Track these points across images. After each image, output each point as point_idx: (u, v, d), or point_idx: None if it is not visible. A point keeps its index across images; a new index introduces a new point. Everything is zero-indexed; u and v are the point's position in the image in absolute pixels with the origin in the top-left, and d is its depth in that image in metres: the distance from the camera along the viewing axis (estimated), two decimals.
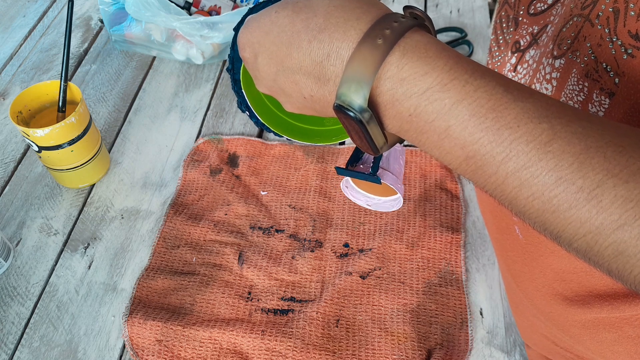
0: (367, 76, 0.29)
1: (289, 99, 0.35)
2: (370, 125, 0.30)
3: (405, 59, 0.29)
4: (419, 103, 0.29)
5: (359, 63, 0.29)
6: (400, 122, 0.30)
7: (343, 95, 0.30)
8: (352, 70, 0.29)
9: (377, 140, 0.32)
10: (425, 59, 0.29)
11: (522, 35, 0.48)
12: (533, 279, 0.50)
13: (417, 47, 0.29)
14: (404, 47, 0.29)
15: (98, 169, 0.77)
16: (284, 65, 0.33)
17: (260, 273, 0.67)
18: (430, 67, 0.28)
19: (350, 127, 0.32)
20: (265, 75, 0.35)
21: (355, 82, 0.29)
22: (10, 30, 1.02)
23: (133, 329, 0.62)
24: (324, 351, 0.60)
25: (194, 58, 0.92)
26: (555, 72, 0.42)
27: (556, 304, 0.48)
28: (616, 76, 0.36)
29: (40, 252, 0.70)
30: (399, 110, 0.30)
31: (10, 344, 0.62)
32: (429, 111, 0.29)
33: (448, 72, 0.28)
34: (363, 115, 0.30)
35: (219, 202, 0.74)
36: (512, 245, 0.53)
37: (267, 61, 0.34)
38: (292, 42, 0.32)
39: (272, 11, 0.33)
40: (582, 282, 0.45)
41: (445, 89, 0.28)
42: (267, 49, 0.33)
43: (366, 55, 0.29)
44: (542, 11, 0.46)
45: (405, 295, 0.64)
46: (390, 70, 0.29)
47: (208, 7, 0.95)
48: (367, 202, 0.48)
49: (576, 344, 0.50)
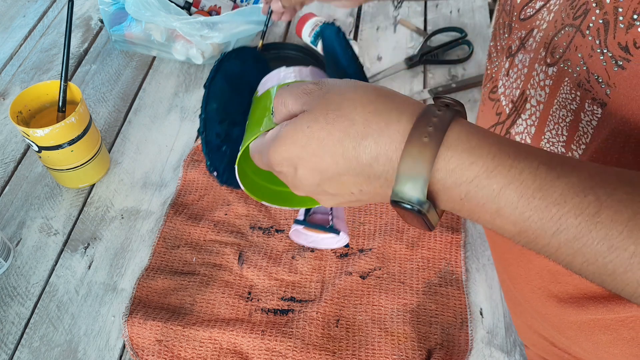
0: (421, 174, 0.31)
1: (333, 198, 0.37)
2: (429, 213, 0.33)
3: (451, 151, 0.31)
4: (468, 190, 0.31)
5: (411, 163, 0.31)
6: (453, 204, 0.32)
7: (400, 193, 0.32)
8: (405, 169, 0.31)
9: (433, 221, 0.34)
10: (469, 150, 0.31)
11: (513, 40, 0.49)
12: (529, 281, 0.50)
13: (460, 139, 0.31)
14: (449, 141, 0.31)
15: (98, 169, 0.77)
16: (330, 172, 0.34)
17: (260, 273, 0.67)
18: (475, 156, 0.30)
19: (407, 216, 0.34)
20: (308, 184, 0.36)
21: (411, 180, 0.31)
22: (10, 30, 1.02)
23: (133, 329, 0.62)
24: (324, 351, 0.60)
25: (194, 58, 0.92)
26: (549, 79, 0.42)
27: (552, 306, 0.48)
28: (607, 87, 0.36)
29: (40, 252, 0.70)
30: (451, 196, 0.32)
31: (10, 344, 0.62)
32: (479, 196, 0.31)
33: (492, 160, 0.30)
34: (422, 207, 0.32)
35: (219, 202, 0.74)
36: (508, 247, 0.53)
37: (310, 172, 0.35)
38: (335, 150, 0.33)
39: (303, 126, 0.34)
40: (577, 284, 0.45)
41: (491, 175, 0.30)
42: (309, 160, 0.35)
43: (416, 154, 0.31)
44: (530, 16, 0.46)
45: (405, 295, 0.64)
46: (439, 164, 0.31)
47: (208, 7, 0.95)
48: (307, 240, 0.50)
49: (572, 345, 0.50)
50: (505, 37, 0.51)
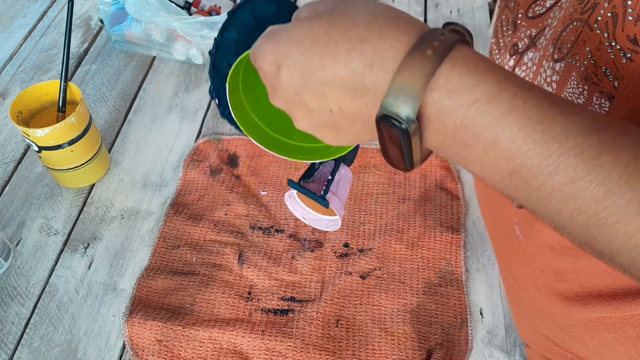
0: (418, 87, 0.28)
1: (309, 114, 0.34)
2: (414, 137, 0.30)
3: (455, 70, 0.29)
4: (466, 115, 0.28)
5: (408, 73, 0.29)
6: (444, 135, 0.30)
7: (390, 105, 0.29)
8: (401, 80, 0.29)
9: (415, 155, 0.31)
10: (474, 71, 0.29)
11: (520, 38, 0.49)
12: (533, 279, 0.50)
13: (466, 60, 0.29)
14: (453, 59, 0.29)
15: (98, 169, 0.77)
16: (313, 77, 0.31)
17: (260, 273, 0.67)
18: (479, 79, 0.28)
19: (390, 140, 0.31)
20: (288, 88, 0.33)
21: (405, 93, 0.29)
22: (10, 30, 1.02)
23: (133, 329, 0.62)
24: (324, 351, 0.60)
25: (194, 58, 0.92)
26: (556, 75, 0.42)
27: (557, 304, 0.48)
28: (615, 80, 0.36)
29: (40, 252, 0.70)
30: (444, 123, 0.29)
31: (10, 344, 0.62)
32: (477, 123, 0.28)
33: (496, 84, 0.28)
34: (410, 127, 0.29)
35: (219, 202, 0.74)
36: (512, 245, 0.53)
37: (292, 73, 0.32)
38: (326, 52, 0.31)
39: (304, 23, 0.32)
40: (582, 282, 0.45)
41: (494, 100, 0.28)
42: (295, 60, 0.32)
43: (416, 66, 0.29)
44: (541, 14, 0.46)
45: (405, 295, 0.64)
46: (439, 82, 0.29)
47: (208, 7, 0.95)
48: (304, 215, 0.49)
49: (577, 344, 0.50)
50: (509, 34, 0.51)
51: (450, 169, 0.76)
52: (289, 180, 0.45)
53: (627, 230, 0.27)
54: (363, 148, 0.79)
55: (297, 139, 0.44)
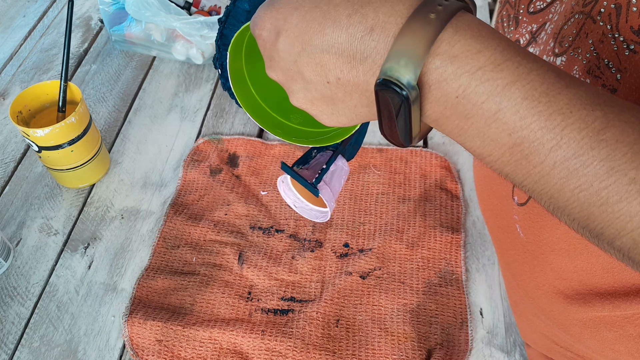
0: (419, 51, 0.27)
1: (306, 86, 0.32)
2: (414, 106, 0.29)
3: (458, 35, 0.27)
4: (469, 83, 0.27)
5: (410, 37, 0.27)
6: (444, 105, 0.28)
7: (390, 70, 0.28)
8: (402, 44, 0.28)
9: (414, 127, 0.30)
10: (478, 37, 0.27)
11: (522, 34, 0.49)
12: (533, 277, 0.50)
13: (470, 26, 0.28)
14: (457, 24, 0.28)
15: (98, 169, 0.77)
16: (312, 44, 0.30)
17: (260, 273, 0.67)
18: (483, 45, 0.27)
19: (388, 109, 0.30)
20: (285, 56, 0.32)
21: (406, 56, 0.27)
22: (10, 30, 1.02)
23: (133, 329, 0.62)
24: (324, 351, 0.60)
25: (194, 58, 0.92)
26: None
27: (557, 302, 0.48)
28: (618, 72, 0.36)
29: (40, 252, 0.70)
30: (445, 92, 0.28)
31: (10, 344, 0.62)
32: (480, 92, 0.27)
33: (501, 53, 0.27)
34: (411, 93, 0.28)
35: (219, 202, 0.74)
36: (512, 243, 0.53)
37: (291, 40, 0.31)
38: (326, 16, 0.29)
39: None
40: (583, 281, 0.45)
41: (498, 69, 0.27)
42: (294, 25, 0.31)
43: (418, 30, 0.27)
44: (542, 9, 0.46)
45: (405, 295, 0.64)
46: (442, 47, 0.27)
47: (208, 7, 0.95)
48: (295, 203, 0.48)
49: (577, 342, 0.50)
50: (511, 30, 0.51)
51: (450, 169, 0.76)
52: (282, 164, 0.44)
53: (629, 209, 0.26)
54: (363, 148, 0.79)
55: (294, 121, 0.44)
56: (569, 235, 0.43)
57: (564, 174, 0.27)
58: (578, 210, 0.27)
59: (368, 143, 0.80)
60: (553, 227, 0.45)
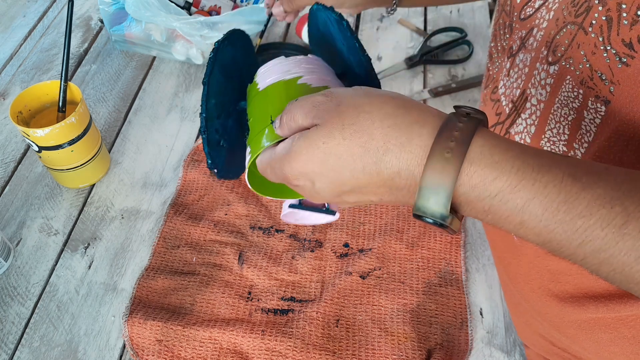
0: (444, 189, 0.31)
1: (353, 204, 0.37)
2: (452, 223, 0.33)
3: (474, 167, 0.31)
4: (492, 204, 0.31)
5: (433, 178, 0.31)
6: (476, 214, 0.32)
7: (423, 207, 0.32)
8: (428, 184, 0.31)
9: (456, 229, 0.34)
10: (492, 165, 0.30)
11: (514, 40, 0.49)
12: (529, 280, 0.50)
13: (483, 154, 0.31)
14: (471, 156, 0.31)
15: (98, 169, 0.77)
16: (350, 185, 0.34)
17: (260, 273, 0.67)
18: (498, 171, 0.30)
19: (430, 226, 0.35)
20: (327, 196, 0.36)
21: (434, 195, 0.31)
22: (10, 30, 1.02)
23: (133, 329, 0.62)
24: (324, 351, 0.60)
25: (194, 58, 0.92)
26: (550, 78, 0.42)
27: (552, 305, 0.48)
28: (611, 84, 0.36)
29: (40, 252, 0.70)
30: (474, 208, 0.32)
31: (11, 343, 0.62)
32: (503, 210, 0.31)
33: (516, 174, 0.30)
34: (445, 221, 0.32)
35: (219, 202, 0.74)
36: (508, 246, 0.53)
37: (328, 185, 0.35)
38: (355, 166, 0.33)
39: (319, 142, 0.34)
40: (577, 284, 0.45)
41: (515, 190, 0.30)
42: (327, 176, 0.34)
43: (438, 170, 0.31)
44: (530, 15, 0.46)
45: (405, 295, 0.64)
46: (462, 179, 0.31)
47: (208, 7, 0.95)
48: (296, 218, 0.50)
49: (573, 344, 0.50)
50: (507, 38, 0.51)
51: None
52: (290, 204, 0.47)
53: None
54: None
55: None
56: None
57: (596, 262, 0.30)
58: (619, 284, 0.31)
59: None
60: None
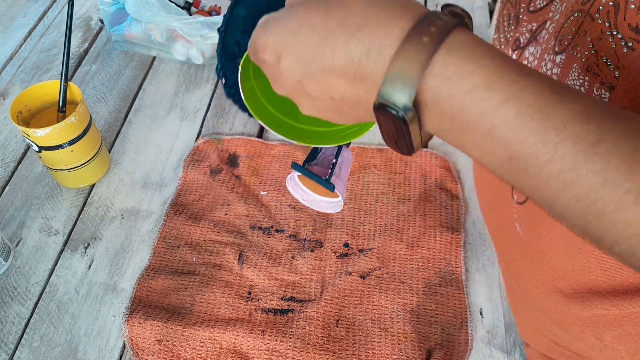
0: (413, 75, 0.28)
1: (313, 101, 0.34)
2: (412, 124, 0.30)
3: (451, 57, 0.28)
4: (463, 102, 0.28)
5: (404, 61, 0.28)
6: (441, 121, 0.29)
7: (387, 94, 0.29)
8: (397, 68, 0.29)
9: (415, 141, 0.31)
10: (471, 57, 0.28)
11: (522, 33, 0.49)
12: (532, 276, 0.50)
13: (463, 46, 0.28)
14: (450, 45, 0.28)
15: (98, 169, 0.77)
16: (313, 66, 0.32)
17: (260, 273, 0.67)
18: (476, 65, 0.28)
19: (388, 127, 0.31)
20: (289, 78, 0.33)
21: (401, 80, 0.29)
22: (10, 30, 1.02)
23: (133, 329, 0.62)
24: (324, 351, 0.60)
25: (194, 58, 0.92)
26: (556, 67, 0.42)
27: (556, 301, 0.48)
28: (616, 69, 0.36)
29: (40, 252, 0.70)
30: (441, 109, 0.29)
31: (11, 343, 0.62)
32: (474, 111, 0.28)
33: (495, 71, 0.28)
34: (407, 115, 0.29)
35: (219, 202, 0.74)
36: (512, 242, 0.53)
37: (293, 62, 0.32)
38: (325, 41, 0.31)
39: (299, 10, 0.32)
40: (581, 279, 0.45)
41: (491, 88, 0.28)
42: (294, 49, 0.32)
43: (412, 53, 0.28)
44: (541, 8, 0.46)
45: (405, 295, 0.64)
46: (436, 69, 0.28)
47: (208, 7, 0.95)
48: (303, 197, 0.49)
49: (576, 341, 0.50)
50: (512, 29, 0.51)
51: (450, 169, 0.76)
52: (294, 163, 0.45)
53: (626, 218, 0.26)
54: (363, 148, 0.79)
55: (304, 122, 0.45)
56: (567, 234, 0.43)
57: (560, 185, 0.27)
58: (576, 218, 0.28)
59: (368, 143, 0.80)
60: (552, 226, 0.45)
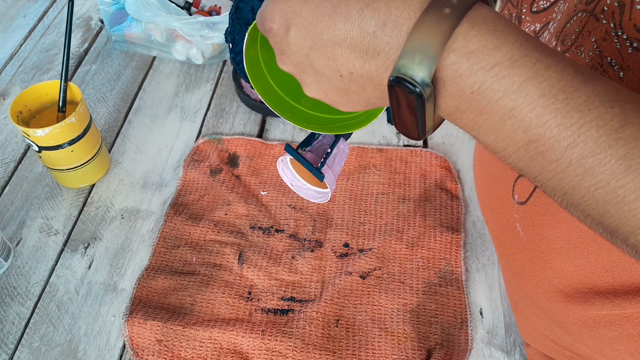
0: (434, 48, 0.26)
1: (319, 79, 0.32)
2: (428, 102, 0.28)
3: (474, 30, 0.26)
4: (485, 79, 0.26)
5: (424, 33, 0.26)
6: (459, 100, 0.28)
7: (404, 67, 0.27)
8: (416, 40, 0.27)
9: (428, 122, 0.30)
10: (494, 32, 0.26)
11: None
12: (533, 276, 0.50)
13: (486, 20, 0.27)
14: (473, 18, 0.27)
15: (98, 169, 0.77)
16: (323, 38, 0.30)
17: (260, 273, 0.67)
18: (500, 41, 0.26)
19: (402, 105, 0.29)
20: (297, 50, 0.31)
21: (420, 53, 0.27)
22: (10, 30, 1.02)
23: (133, 329, 0.62)
24: (324, 351, 0.60)
25: (194, 58, 0.92)
26: None
27: (556, 301, 0.48)
28: (621, 70, 0.36)
29: (40, 252, 0.70)
30: (460, 87, 0.27)
31: (11, 343, 0.62)
32: (495, 89, 0.26)
33: (519, 48, 0.26)
34: (425, 90, 0.27)
35: (219, 202, 0.74)
36: (512, 242, 0.53)
37: (302, 33, 0.30)
38: (337, 10, 0.29)
39: None
40: (582, 279, 0.45)
41: (515, 65, 0.26)
42: (305, 19, 0.30)
43: (432, 25, 0.26)
44: (545, 9, 0.46)
45: (405, 295, 0.64)
46: (457, 42, 0.26)
47: (208, 7, 0.95)
48: (292, 182, 0.48)
49: (576, 341, 0.50)
50: None
51: (450, 169, 0.76)
52: (287, 145, 0.44)
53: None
54: (363, 148, 0.79)
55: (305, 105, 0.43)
56: (569, 234, 0.43)
57: (580, 171, 0.26)
58: (593, 207, 0.27)
59: (368, 143, 0.80)
60: (553, 226, 0.45)
